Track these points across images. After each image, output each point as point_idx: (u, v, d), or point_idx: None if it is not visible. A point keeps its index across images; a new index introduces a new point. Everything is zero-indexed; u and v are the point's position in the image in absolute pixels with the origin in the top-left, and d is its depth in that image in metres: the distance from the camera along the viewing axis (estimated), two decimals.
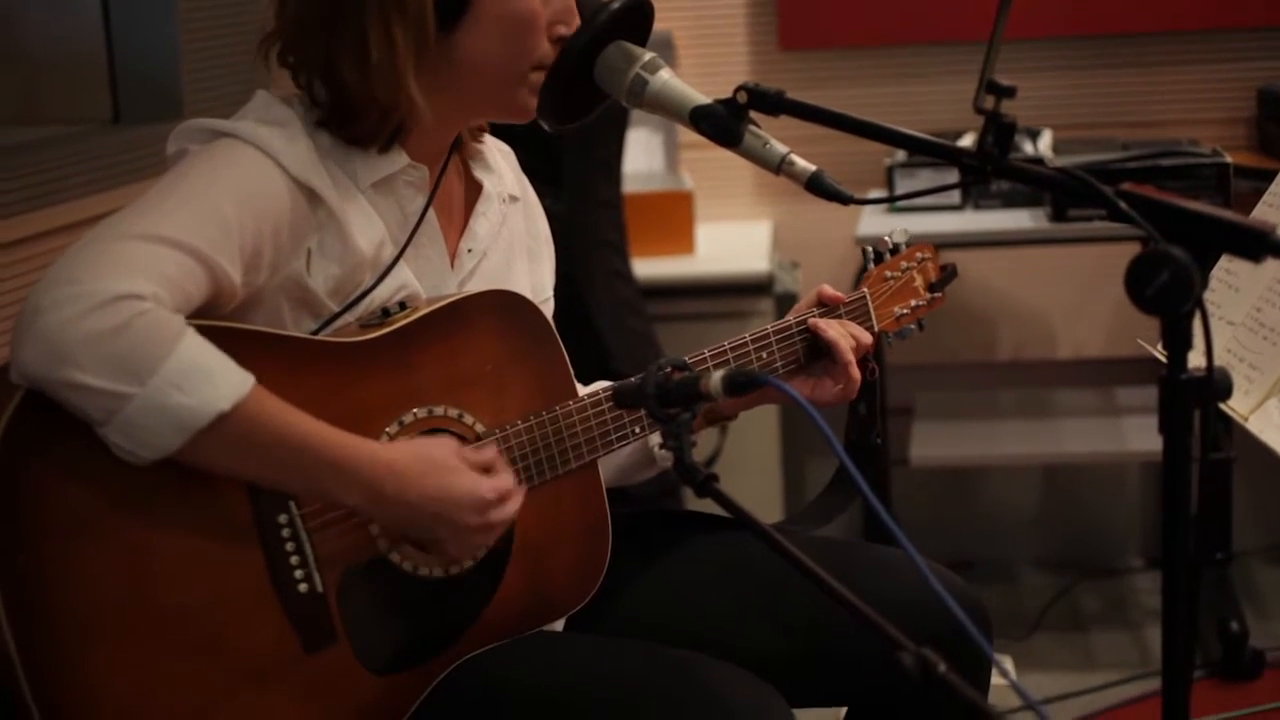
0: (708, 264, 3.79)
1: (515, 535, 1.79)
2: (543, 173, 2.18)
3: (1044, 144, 3.63)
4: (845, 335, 1.95)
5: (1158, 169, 3.36)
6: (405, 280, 1.77)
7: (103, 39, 3.03)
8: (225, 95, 3.03)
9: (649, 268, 3.68)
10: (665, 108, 1.74)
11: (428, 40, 1.71)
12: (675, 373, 1.63)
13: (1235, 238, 1.39)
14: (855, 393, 1.96)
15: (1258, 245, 1.37)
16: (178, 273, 1.56)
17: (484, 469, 1.69)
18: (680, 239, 3.84)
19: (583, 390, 1.87)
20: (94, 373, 1.48)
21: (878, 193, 3.71)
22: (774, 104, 1.67)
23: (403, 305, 1.75)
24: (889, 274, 2.06)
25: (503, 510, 1.69)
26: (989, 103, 1.49)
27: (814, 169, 1.70)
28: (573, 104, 1.79)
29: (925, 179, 3.55)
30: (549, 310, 1.95)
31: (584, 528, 1.85)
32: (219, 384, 1.53)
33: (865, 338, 1.97)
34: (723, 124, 1.70)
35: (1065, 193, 1.54)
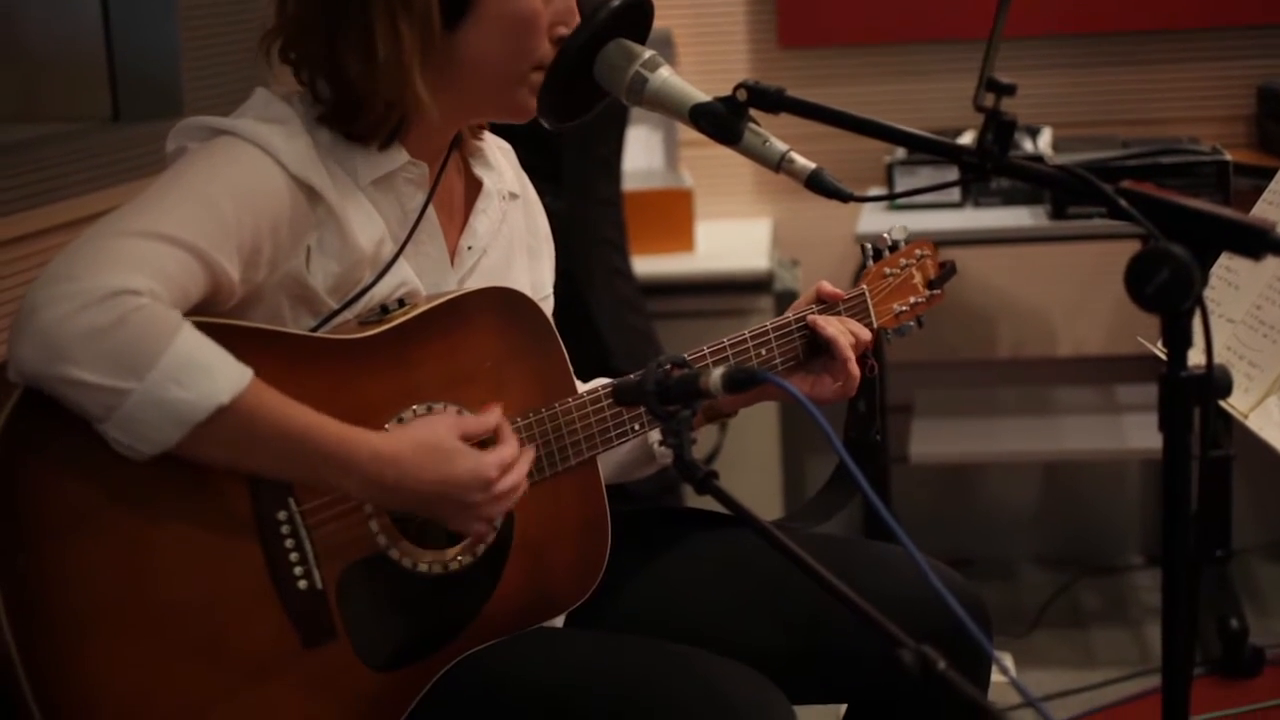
0: (707, 261, 3.79)
1: (515, 532, 1.79)
2: (543, 170, 2.18)
3: (1044, 142, 3.63)
4: (844, 332, 1.95)
5: (1157, 167, 3.36)
6: (405, 277, 1.77)
7: (102, 37, 3.03)
8: (225, 93, 3.03)
9: (649, 265, 3.68)
10: (665, 105, 1.74)
11: (433, 37, 1.71)
12: (675, 370, 1.63)
13: (1235, 235, 1.39)
14: (854, 390, 1.96)
15: (1258, 243, 1.37)
16: (175, 269, 1.55)
17: (488, 436, 1.69)
18: (680, 236, 3.83)
19: (582, 387, 1.87)
20: (91, 369, 1.48)
21: (877, 190, 3.71)
22: (774, 102, 1.67)
23: (402, 302, 1.75)
24: (888, 271, 2.06)
25: (509, 479, 1.69)
26: (989, 100, 1.49)
27: (814, 166, 1.70)
28: (572, 102, 1.79)
29: (925, 177, 3.55)
30: (549, 308, 1.95)
31: (584, 524, 1.85)
32: (217, 377, 1.53)
33: (864, 334, 1.97)
34: (722, 122, 1.70)
35: (1065, 190, 1.54)
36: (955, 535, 4.05)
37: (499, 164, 1.93)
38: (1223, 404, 2.03)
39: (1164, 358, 1.39)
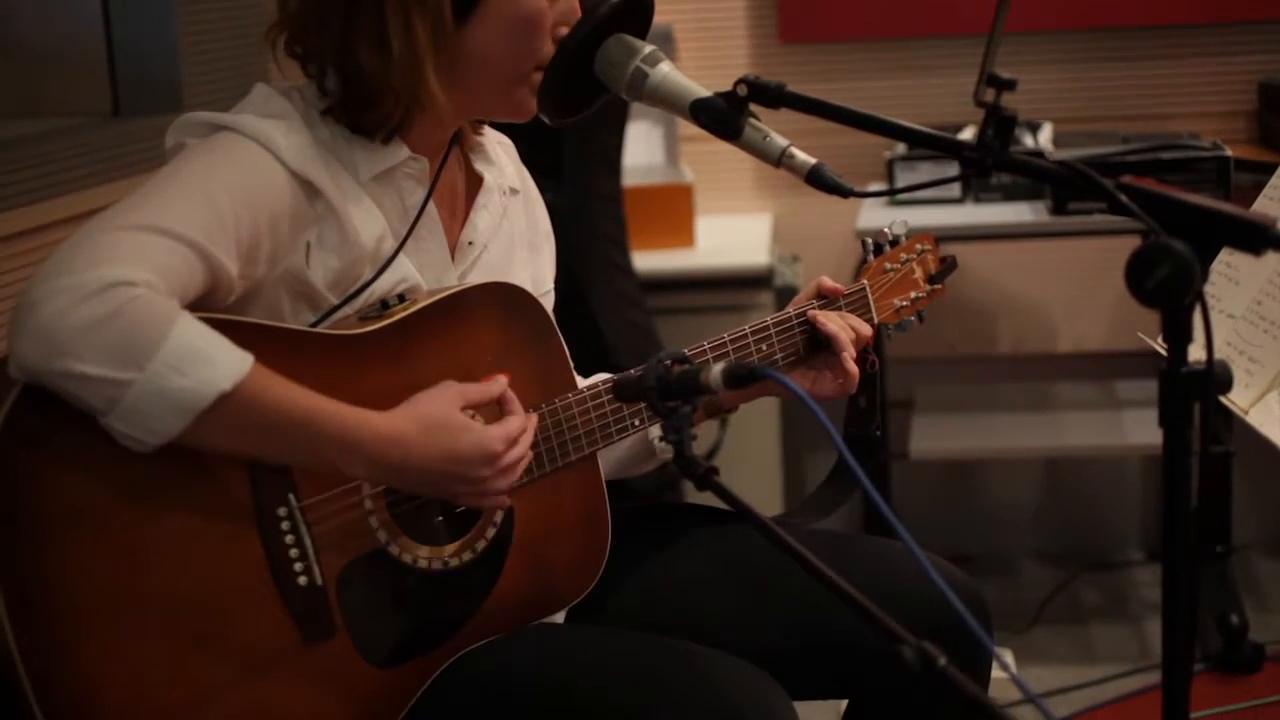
0: (708, 257, 3.79)
1: (516, 528, 1.79)
2: (543, 165, 2.18)
3: (1044, 137, 3.63)
4: (845, 327, 1.95)
5: (1158, 162, 3.35)
6: (406, 273, 1.77)
7: (102, 32, 3.03)
8: (224, 88, 3.03)
9: (649, 261, 3.68)
10: (665, 101, 1.74)
11: (445, 31, 1.71)
12: (675, 365, 1.63)
13: (1236, 231, 1.39)
14: (854, 386, 1.96)
15: (1258, 238, 1.37)
16: (173, 262, 1.55)
17: (494, 405, 1.70)
18: (680, 232, 3.83)
19: (582, 383, 1.87)
20: (92, 361, 1.48)
21: (878, 186, 3.70)
22: (774, 97, 1.67)
23: (402, 298, 1.75)
24: (889, 266, 2.06)
25: (515, 451, 1.68)
26: (989, 96, 1.49)
27: (814, 162, 1.70)
28: (573, 97, 1.79)
29: (925, 172, 3.55)
30: (549, 303, 1.95)
31: (584, 520, 1.85)
32: (218, 364, 1.53)
33: (865, 330, 1.97)
34: (723, 117, 1.70)
35: (1066, 186, 1.54)
36: (955, 531, 4.05)
37: (499, 159, 1.93)
38: (1223, 400, 2.03)
39: (1164, 353, 1.39)
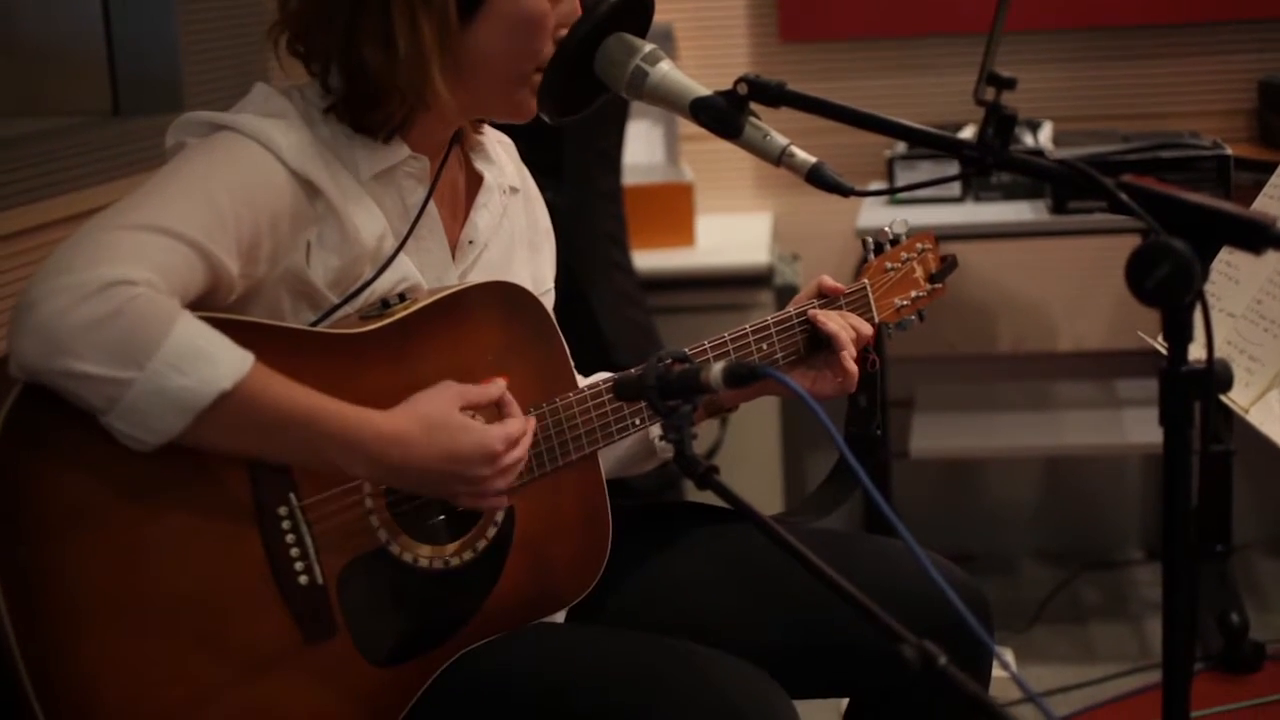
0: (708, 256, 3.79)
1: (516, 527, 1.79)
2: (543, 164, 2.18)
3: (1044, 136, 3.63)
4: (845, 327, 1.95)
5: (1158, 161, 3.35)
6: (406, 272, 1.77)
7: (102, 31, 3.03)
8: (224, 87, 3.03)
9: (649, 259, 3.68)
10: (665, 99, 1.74)
11: (451, 31, 1.71)
12: (676, 365, 1.63)
13: (1236, 229, 1.38)
14: (854, 385, 1.96)
15: (1258, 237, 1.37)
16: (173, 261, 1.55)
17: (493, 407, 1.70)
18: (680, 231, 3.83)
19: (583, 382, 1.87)
20: (92, 360, 1.48)
21: (878, 185, 3.70)
22: (774, 96, 1.67)
23: (403, 297, 1.75)
24: (889, 265, 2.06)
25: (515, 453, 1.68)
26: (989, 94, 1.48)
27: (814, 161, 1.70)
28: (573, 96, 1.78)
29: (925, 171, 3.55)
30: (549, 302, 1.95)
31: (584, 519, 1.85)
32: (218, 363, 1.52)
33: (865, 329, 1.97)
34: (723, 116, 1.70)
35: (1066, 184, 1.53)
36: (956, 530, 4.05)
37: (499, 158, 1.93)
38: (1223, 399, 2.03)
39: (1164, 352, 1.39)
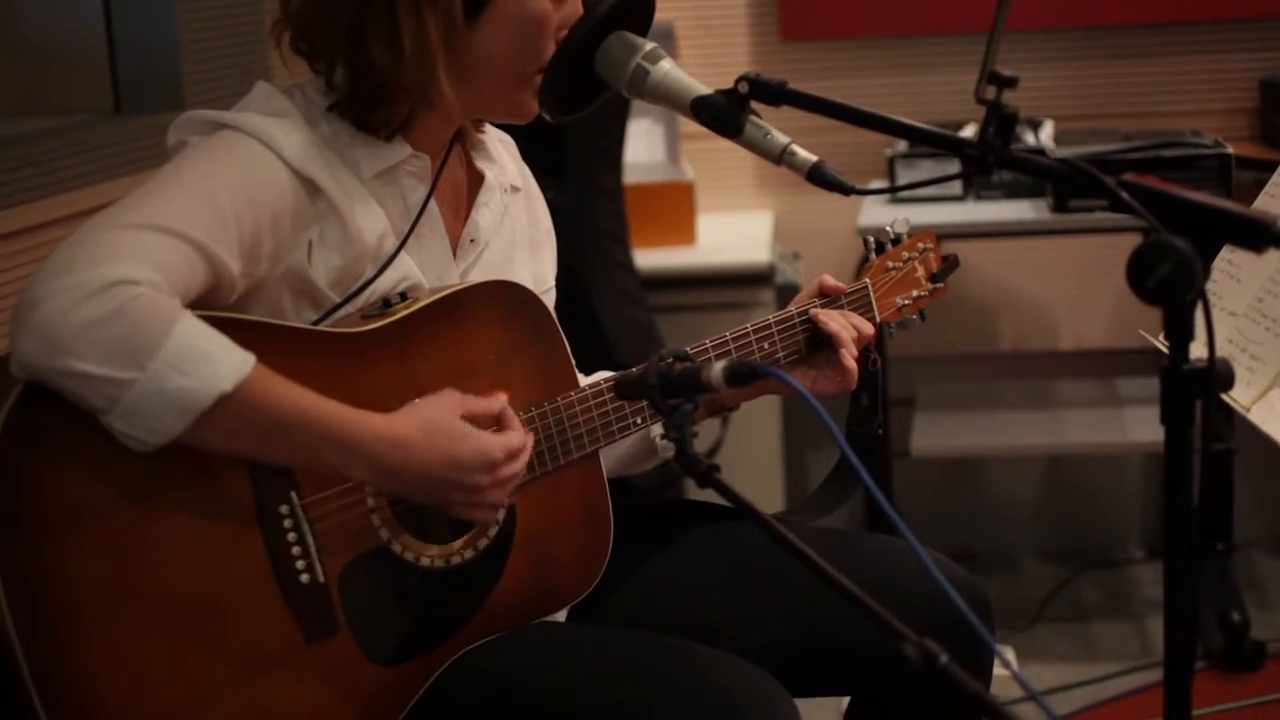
0: (709, 255, 3.79)
1: (518, 526, 1.79)
2: (544, 163, 2.18)
3: (1045, 135, 3.63)
4: (847, 326, 1.95)
5: (1160, 160, 3.35)
6: (407, 271, 1.77)
7: (104, 30, 3.03)
8: (225, 86, 3.03)
9: (650, 258, 3.68)
10: (666, 98, 1.74)
11: (457, 30, 1.71)
12: (677, 363, 1.63)
13: (1237, 228, 1.39)
14: (854, 383, 1.96)
15: (1260, 236, 1.37)
16: (175, 261, 1.55)
17: (493, 422, 1.69)
18: (681, 230, 3.83)
19: (584, 381, 1.87)
20: (93, 360, 1.48)
21: (879, 183, 3.70)
22: (775, 94, 1.67)
23: (404, 296, 1.75)
24: (891, 264, 2.06)
25: (513, 465, 1.68)
26: (991, 93, 1.48)
27: (815, 159, 1.70)
28: (574, 94, 1.78)
29: (926, 170, 3.55)
30: (550, 301, 1.95)
31: (586, 518, 1.84)
32: (219, 364, 1.52)
33: (867, 328, 1.97)
34: (724, 114, 1.70)
35: (1067, 183, 1.54)
36: (957, 529, 4.05)
37: (500, 157, 1.93)
38: (1225, 397, 2.03)
39: (1166, 351, 1.39)
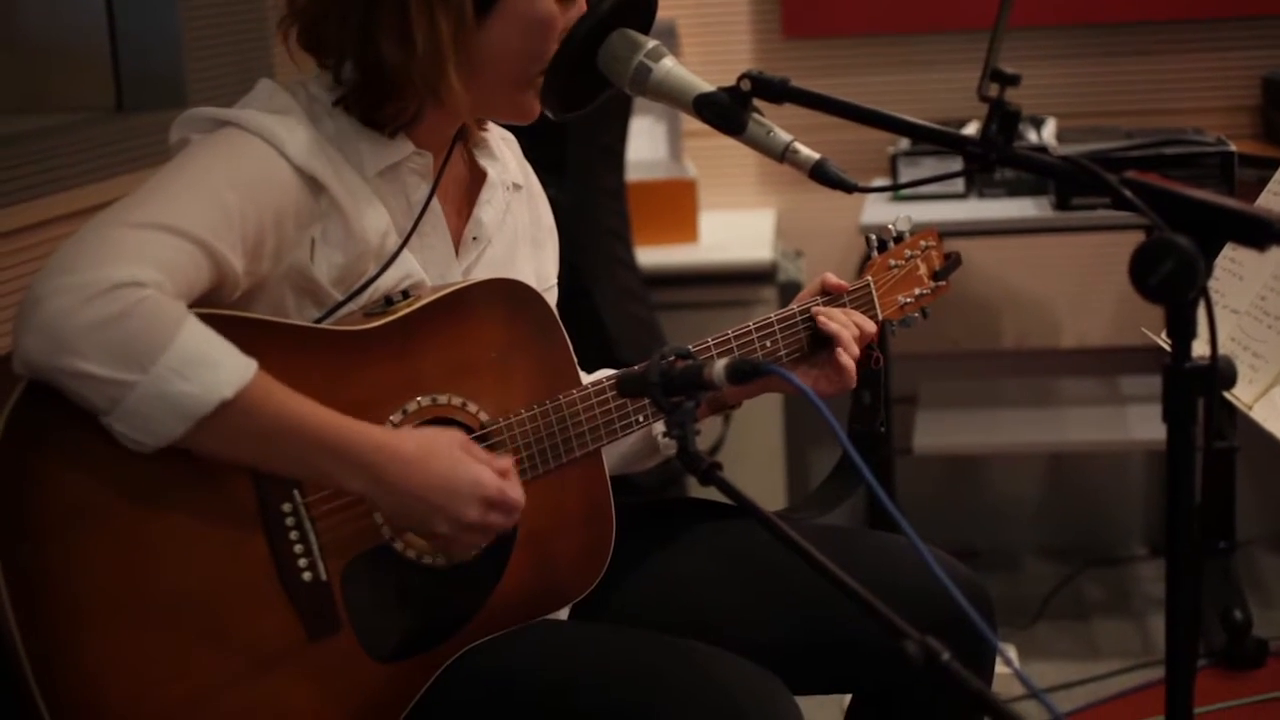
0: (711, 252, 3.79)
1: (520, 523, 1.79)
2: (547, 161, 2.18)
3: (1048, 132, 3.62)
4: (848, 324, 1.95)
5: (1162, 157, 3.35)
6: (410, 269, 1.77)
7: (106, 27, 3.03)
8: (228, 83, 3.04)
9: (652, 256, 3.68)
10: (669, 96, 1.73)
11: (468, 28, 1.71)
12: (679, 361, 1.63)
13: (1240, 226, 1.38)
14: (852, 381, 1.96)
15: (1263, 233, 1.37)
16: (179, 260, 1.55)
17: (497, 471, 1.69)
18: (684, 227, 3.83)
19: (586, 378, 1.87)
20: (96, 361, 1.48)
21: (881, 181, 3.70)
22: (778, 92, 1.67)
23: (406, 294, 1.75)
24: (893, 262, 2.06)
25: (503, 516, 1.68)
26: (993, 91, 1.48)
27: (817, 157, 1.70)
28: (577, 92, 1.78)
29: (929, 167, 3.54)
30: (552, 298, 1.95)
31: (588, 516, 1.84)
32: (222, 371, 1.53)
33: (869, 326, 1.97)
34: (726, 112, 1.70)
35: (1069, 181, 1.53)
36: (959, 526, 4.05)
37: (503, 155, 1.93)
38: (1227, 395, 2.03)
39: (1168, 349, 1.39)
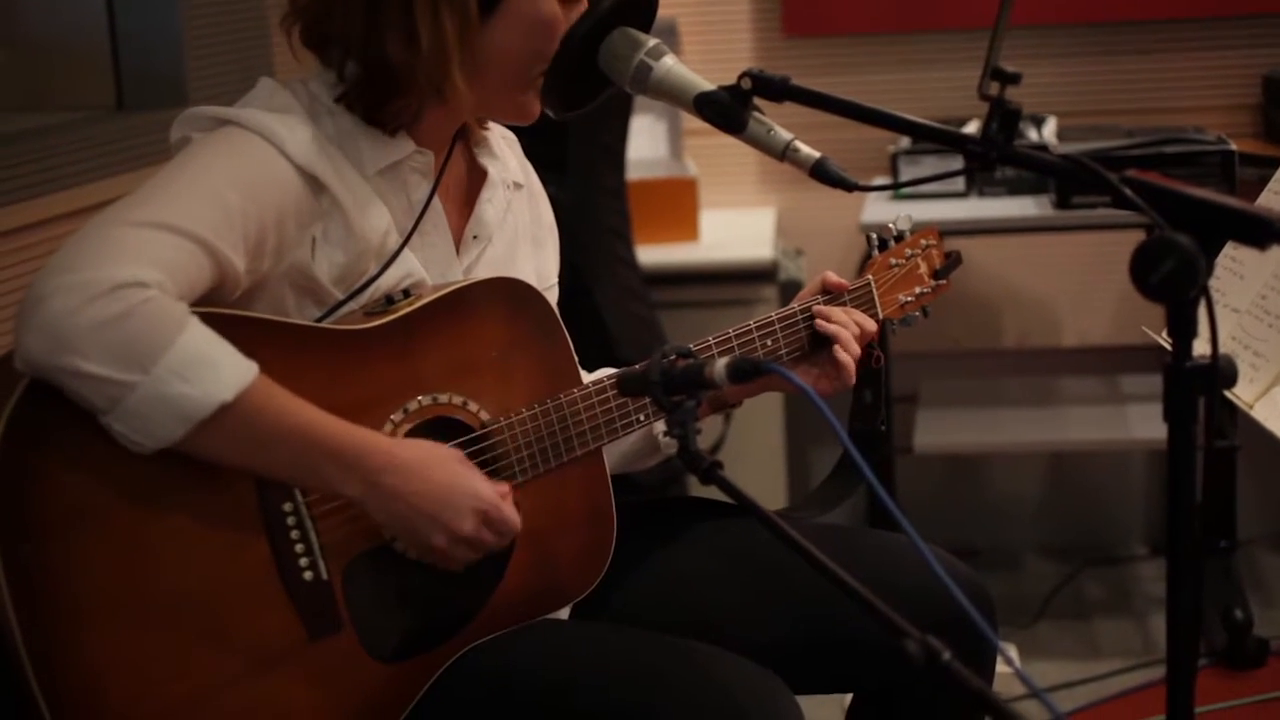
0: (712, 251, 3.79)
1: (521, 523, 1.79)
2: (547, 160, 2.18)
3: (1048, 131, 3.62)
4: (848, 323, 1.95)
5: (1163, 156, 3.35)
6: (410, 268, 1.77)
7: (106, 26, 3.03)
8: (228, 82, 3.04)
9: (653, 255, 3.68)
10: (669, 94, 1.73)
11: (472, 27, 1.71)
12: (680, 360, 1.63)
13: (1241, 225, 1.38)
14: (851, 380, 1.96)
15: (1263, 232, 1.37)
16: (181, 259, 1.55)
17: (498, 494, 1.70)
18: (684, 226, 3.83)
19: (587, 377, 1.87)
20: (97, 361, 1.48)
21: (882, 180, 3.70)
22: (778, 90, 1.67)
23: (407, 293, 1.75)
24: (893, 261, 2.05)
25: (497, 535, 1.69)
26: (994, 89, 1.48)
27: (818, 156, 1.69)
28: (577, 91, 1.78)
29: (929, 166, 3.54)
30: (553, 297, 1.95)
31: (589, 515, 1.84)
32: (222, 373, 1.53)
33: (869, 325, 1.97)
34: (727, 111, 1.70)
35: (1070, 179, 1.53)
36: (960, 525, 4.05)
37: (504, 154, 1.93)
38: (1228, 394, 2.03)
39: (1169, 348, 1.39)
